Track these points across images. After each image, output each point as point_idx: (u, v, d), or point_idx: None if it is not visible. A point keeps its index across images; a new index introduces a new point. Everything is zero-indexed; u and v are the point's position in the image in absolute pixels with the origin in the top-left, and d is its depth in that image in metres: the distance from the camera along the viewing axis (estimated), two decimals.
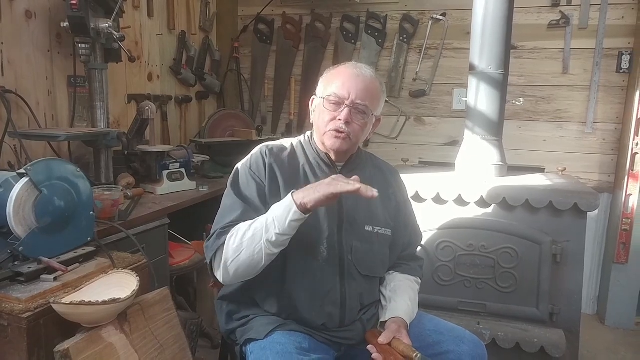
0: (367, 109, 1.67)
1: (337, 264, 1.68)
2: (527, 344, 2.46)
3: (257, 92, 4.22)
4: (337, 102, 1.66)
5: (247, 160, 1.74)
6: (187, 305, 3.01)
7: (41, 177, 1.65)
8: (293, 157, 1.76)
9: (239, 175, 1.71)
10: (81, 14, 2.30)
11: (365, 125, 1.70)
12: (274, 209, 1.52)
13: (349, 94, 1.65)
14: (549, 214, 2.49)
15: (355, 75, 1.68)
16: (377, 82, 1.73)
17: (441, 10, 3.69)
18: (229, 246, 1.54)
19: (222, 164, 3.38)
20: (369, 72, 1.71)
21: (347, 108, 1.65)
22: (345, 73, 1.70)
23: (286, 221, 1.47)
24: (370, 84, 1.69)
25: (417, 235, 1.96)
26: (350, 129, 1.66)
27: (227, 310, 1.79)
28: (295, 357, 1.51)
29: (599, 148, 3.55)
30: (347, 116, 1.65)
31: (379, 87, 1.74)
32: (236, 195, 1.66)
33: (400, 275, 1.85)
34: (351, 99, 1.65)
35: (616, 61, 3.42)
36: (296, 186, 1.60)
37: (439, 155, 3.68)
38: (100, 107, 2.55)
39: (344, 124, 1.65)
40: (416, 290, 1.85)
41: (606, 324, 3.51)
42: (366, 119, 1.69)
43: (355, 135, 1.69)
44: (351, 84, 1.66)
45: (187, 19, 3.70)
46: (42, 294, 1.51)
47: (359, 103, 1.65)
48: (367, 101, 1.67)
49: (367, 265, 1.74)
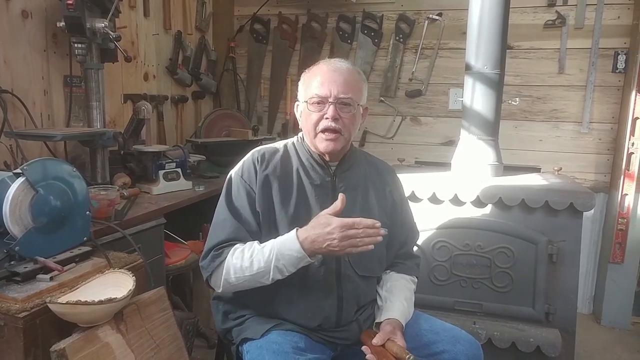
0: (352, 101, 1.67)
1: (333, 265, 1.69)
2: (523, 344, 2.46)
3: (253, 92, 4.22)
4: (321, 102, 1.66)
5: (240, 167, 1.75)
6: (183, 305, 3.00)
7: (37, 176, 1.64)
8: (286, 159, 1.76)
9: (232, 184, 1.73)
10: (77, 13, 2.30)
11: (354, 117, 1.70)
12: (283, 256, 1.56)
13: (330, 91, 1.65)
14: (545, 213, 2.49)
15: (331, 71, 1.68)
16: (355, 72, 1.72)
17: (437, 10, 3.69)
18: (229, 275, 1.60)
19: (218, 164, 3.38)
20: (344, 65, 1.71)
21: (332, 105, 1.65)
22: (322, 71, 1.69)
23: (298, 266, 1.56)
24: (348, 76, 1.68)
25: (413, 233, 1.95)
26: (341, 124, 1.66)
27: (223, 310, 1.79)
28: (292, 356, 1.51)
29: (594, 148, 3.56)
30: (334, 112, 1.65)
31: (358, 77, 1.73)
32: (228, 207, 1.69)
33: (396, 274, 1.85)
34: (334, 95, 1.65)
35: (612, 61, 3.43)
36: (290, 189, 1.68)
37: (435, 155, 3.68)
38: (96, 107, 2.54)
39: (333, 121, 1.65)
40: (412, 289, 1.85)
41: (602, 323, 3.52)
42: (353, 111, 1.68)
43: (347, 130, 1.68)
44: (330, 81, 1.66)
45: (183, 19, 3.69)
46: (38, 294, 1.51)
47: (342, 97, 1.65)
48: (350, 93, 1.66)
49: (364, 266, 1.74)
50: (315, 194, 1.71)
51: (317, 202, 1.70)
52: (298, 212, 1.68)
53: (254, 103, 4.22)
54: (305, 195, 1.71)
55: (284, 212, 1.67)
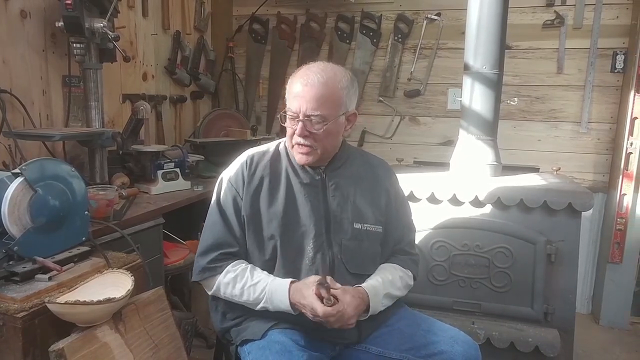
0: (322, 118, 1.64)
1: (326, 262, 1.69)
2: (522, 344, 2.47)
3: (252, 92, 4.21)
4: (292, 117, 1.67)
5: (229, 170, 1.80)
6: (181, 304, 3.00)
7: (36, 176, 1.64)
8: (276, 160, 1.79)
9: (221, 187, 1.78)
10: (76, 13, 2.30)
11: (329, 132, 1.67)
12: (272, 302, 1.62)
13: (299, 108, 1.63)
14: (544, 213, 2.50)
15: (303, 85, 1.63)
16: (332, 83, 1.65)
17: (436, 10, 3.69)
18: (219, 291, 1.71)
19: (217, 164, 3.36)
20: (320, 77, 1.63)
21: (301, 122, 1.64)
22: (297, 84, 1.65)
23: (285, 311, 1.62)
24: (320, 90, 1.62)
25: (409, 230, 1.93)
26: (311, 141, 1.66)
27: (222, 310, 1.79)
28: (295, 354, 1.52)
29: (593, 148, 3.56)
30: (302, 131, 1.64)
31: (336, 88, 1.65)
32: (218, 210, 1.75)
33: (386, 263, 1.83)
34: (303, 112, 1.63)
35: (611, 61, 3.43)
36: (278, 189, 1.72)
37: (434, 155, 3.69)
38: (94, 106, 2.54)
39: (302, 137, 1.65)
40: (396, 274, 1.79)
41: (601, 323, 3.51)
42: (326, 125, 1.65)
43: (320, 144, 1.68)
44: (302, 96, 1.63)
45: (181, 19, 3.69)
46: (37, 294, 1.51)
47: (310, 115, 1.63)
48: (320, 110, 1.62)
49: (355, 263, 1.74)
50: (304, 192, 1.73)
51: (307, 201, 1.72)
52: (287, 210, 1.71)
53: (252, 103, 4.21)
54: (294, 195, 1.73)
55: (272, 211, 1.70)
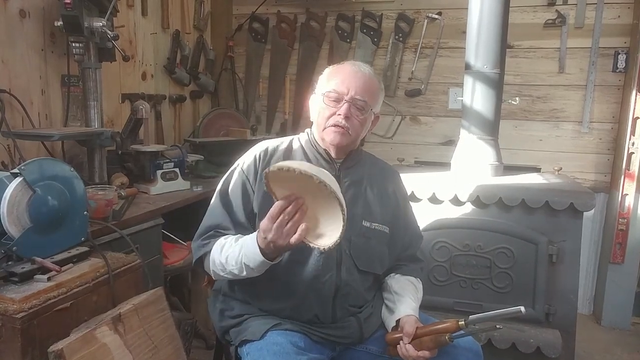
0: (366, 105, 1.69)
1: (334, 256, 1.68)
2: (523, 344, 2.46)
3: (252, 91, 4.20)
4: (337, 99, 1.69)
5: (243, 158, 1.78)
6: (181, 305, 2.99)
7: (35, 176, 1.64)
8: (289, 153, 1.79)
9: (233, 172, 1.76)
10: (75, 13, 2.30)
11: (364, 122, 1.72)
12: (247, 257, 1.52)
13: (348, 90, 1.67)
14: (545, 213, 2.49)
15: (354, 72, 1.71)
16: (376, 79, 1.76)
17: (437, 9, 3.69)
18: (215, 266, 1.63)
19: (216, 164, 3.36)
20: (367, 70, 1.74)
21: (347, 103, 1.67)
22: (345, 70, 1.73)
23: (262, 268, 1.52)
24: (368, 81, 1.71)
25: (417, 237, 1.96)
26: (350, 124, 1.68)
27: (220, 308, 1.78)
28: (293, 356, 1.51)
29: (595, 148, 3.55)
30: (347, 111, 1.67)
31: (378, 85, 1.77)
32: (222, 196, 1.74)
33: (401, 276, 1.85)
34: (350, 95, 1.67)
35: (612, 60, 3.43)
36: None
37: (435, 155, 3.68)
38: (94, 106, 2.54)
39: (344, 119, 1.67)
40: (420, 288, 1.86)
41: (602, 324, 3.51)
42: (365, 115, 1.71)
43: (354, 131, 1.70)
44: (350, 80, 1.69)
45: (181, 18, 3.69)
46: (35, 294, 1.50)
47: (358, 98, 1.67)
48: (366, 97, 1.69)
49: (364, 260, 1.73)
50: None
51: None
52: None
53: (252, 102, 4.20)
54: None
55: None
